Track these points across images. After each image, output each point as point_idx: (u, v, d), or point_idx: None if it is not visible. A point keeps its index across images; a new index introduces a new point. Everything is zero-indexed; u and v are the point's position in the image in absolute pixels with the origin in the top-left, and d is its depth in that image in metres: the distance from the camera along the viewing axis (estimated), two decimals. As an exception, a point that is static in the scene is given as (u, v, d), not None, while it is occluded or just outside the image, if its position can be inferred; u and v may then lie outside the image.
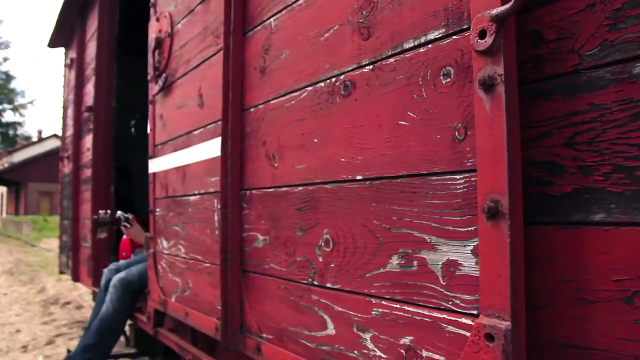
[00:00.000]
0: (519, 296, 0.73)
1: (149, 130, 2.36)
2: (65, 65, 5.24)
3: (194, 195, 1.85)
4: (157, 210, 2.26)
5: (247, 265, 1.49)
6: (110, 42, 3.62)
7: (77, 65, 4.51)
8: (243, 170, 1.51)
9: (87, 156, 4.18)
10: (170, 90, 2.13)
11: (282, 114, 1.35)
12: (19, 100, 43.55)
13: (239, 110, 1.53)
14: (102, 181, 3.58)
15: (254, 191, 1.46)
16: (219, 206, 1.64)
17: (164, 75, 2.16)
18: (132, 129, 3.97)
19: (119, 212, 2.73)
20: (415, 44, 0.95)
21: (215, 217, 1.67)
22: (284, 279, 1.31)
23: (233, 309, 1.49)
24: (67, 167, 5.17)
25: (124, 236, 3.34)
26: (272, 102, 1.40)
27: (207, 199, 1.73)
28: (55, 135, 38.27)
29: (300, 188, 1.26)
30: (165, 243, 2.15)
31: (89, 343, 2.54)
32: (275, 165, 1.37)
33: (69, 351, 2.75)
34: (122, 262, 2.94)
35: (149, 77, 2.35)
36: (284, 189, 1.33)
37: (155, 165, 2.27)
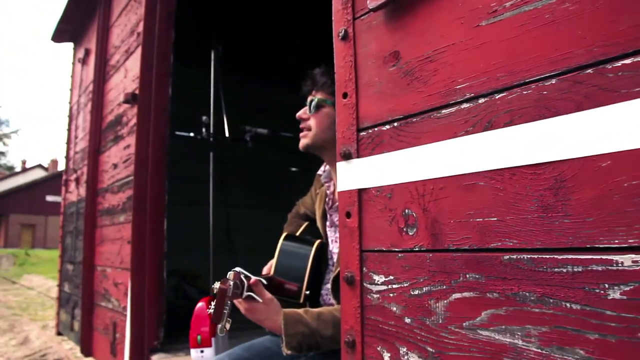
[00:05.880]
0: None
1: (339, 95, 1.05)
2: (77, 61, 3.97)
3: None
4: (379, 278, 0.92)
5: None
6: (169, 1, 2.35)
7: (97, 56, 3.24)
8: None
9: (111, 176, 2.84)
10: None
11: None
12: (3, 130, 42.12)
13: None
14: (150, 209, 2.23)
15: None
16: None
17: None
18: (248, 137, 2.67)
19: (236, 270, 1.27)
20: None
21: None
22: None
23: None
24: (74, 194, 3.79)
25: (199, 304, 1.95)
26: None
27: None
28: (39, 166, 36.62)
29: None
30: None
31: None
32: None
33: None
34: (233, 351, 1.49)
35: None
36: None
37: (372, 170, 0.95)
